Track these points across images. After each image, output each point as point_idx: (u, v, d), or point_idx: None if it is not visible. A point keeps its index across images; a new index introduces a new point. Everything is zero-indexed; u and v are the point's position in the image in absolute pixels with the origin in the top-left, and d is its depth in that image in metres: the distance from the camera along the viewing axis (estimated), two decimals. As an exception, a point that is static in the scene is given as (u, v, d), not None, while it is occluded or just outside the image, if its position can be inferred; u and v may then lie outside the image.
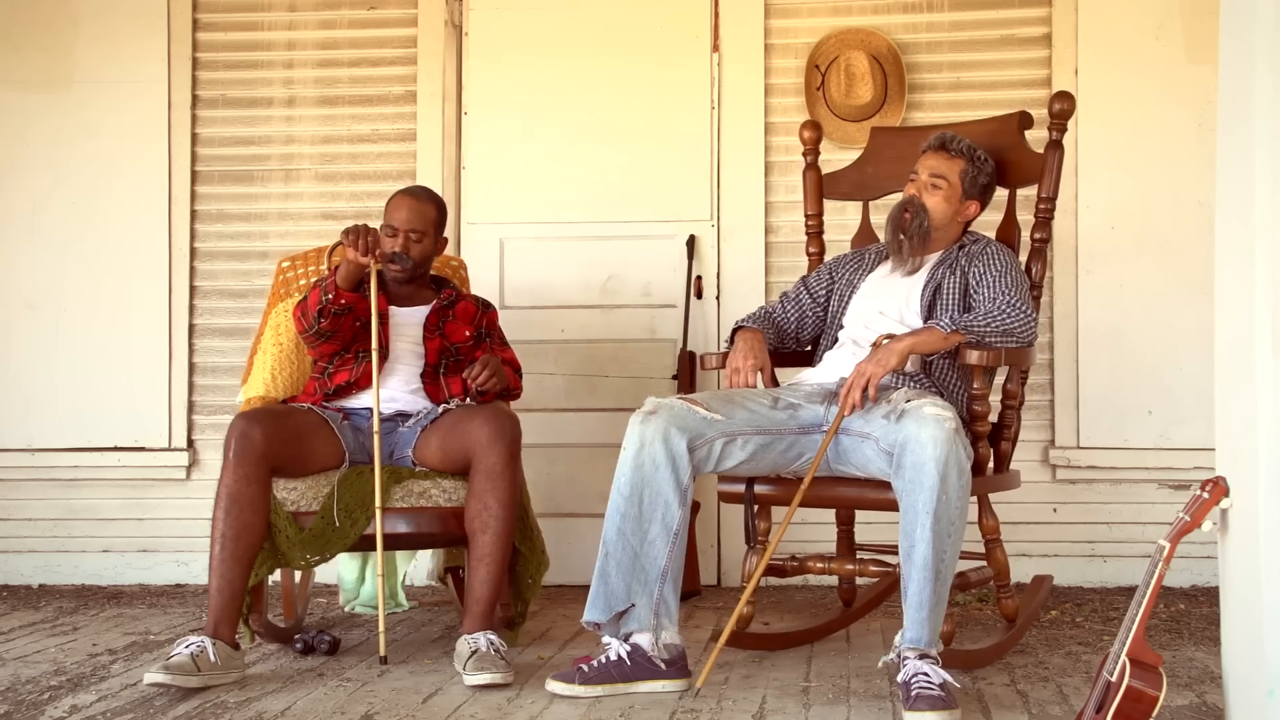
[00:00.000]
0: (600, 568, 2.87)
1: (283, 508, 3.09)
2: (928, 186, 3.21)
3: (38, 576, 4.50)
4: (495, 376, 3.28)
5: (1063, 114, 3.28)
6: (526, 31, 4.45)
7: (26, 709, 2.74)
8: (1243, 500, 2.27)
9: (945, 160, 3.22)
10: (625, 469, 2.87)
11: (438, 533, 3.19)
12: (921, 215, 3.18)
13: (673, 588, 2.87)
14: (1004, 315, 2.96)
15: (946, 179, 3.20)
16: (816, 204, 3.59)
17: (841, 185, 3.61)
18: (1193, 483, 2.40)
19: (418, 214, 3.41)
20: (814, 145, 3.57)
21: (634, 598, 2.84)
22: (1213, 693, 2.78)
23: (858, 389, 2.87)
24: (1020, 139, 3.36)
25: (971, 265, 3.15)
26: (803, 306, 3.36)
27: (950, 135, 3.26)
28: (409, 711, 2.70)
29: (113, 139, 4.50)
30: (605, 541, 2.87)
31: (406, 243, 3.39)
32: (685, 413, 2.90)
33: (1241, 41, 2.30)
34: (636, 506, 2.85)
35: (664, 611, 2.85)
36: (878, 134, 3.63)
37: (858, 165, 3.60)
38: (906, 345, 2.91)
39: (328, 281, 3.25)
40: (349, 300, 3.23)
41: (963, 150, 3.22)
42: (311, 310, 3.26)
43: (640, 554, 2.85)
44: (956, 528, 2.73)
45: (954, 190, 3.20)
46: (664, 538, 2.85)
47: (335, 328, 3.28)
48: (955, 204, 3.21)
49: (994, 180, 3.28)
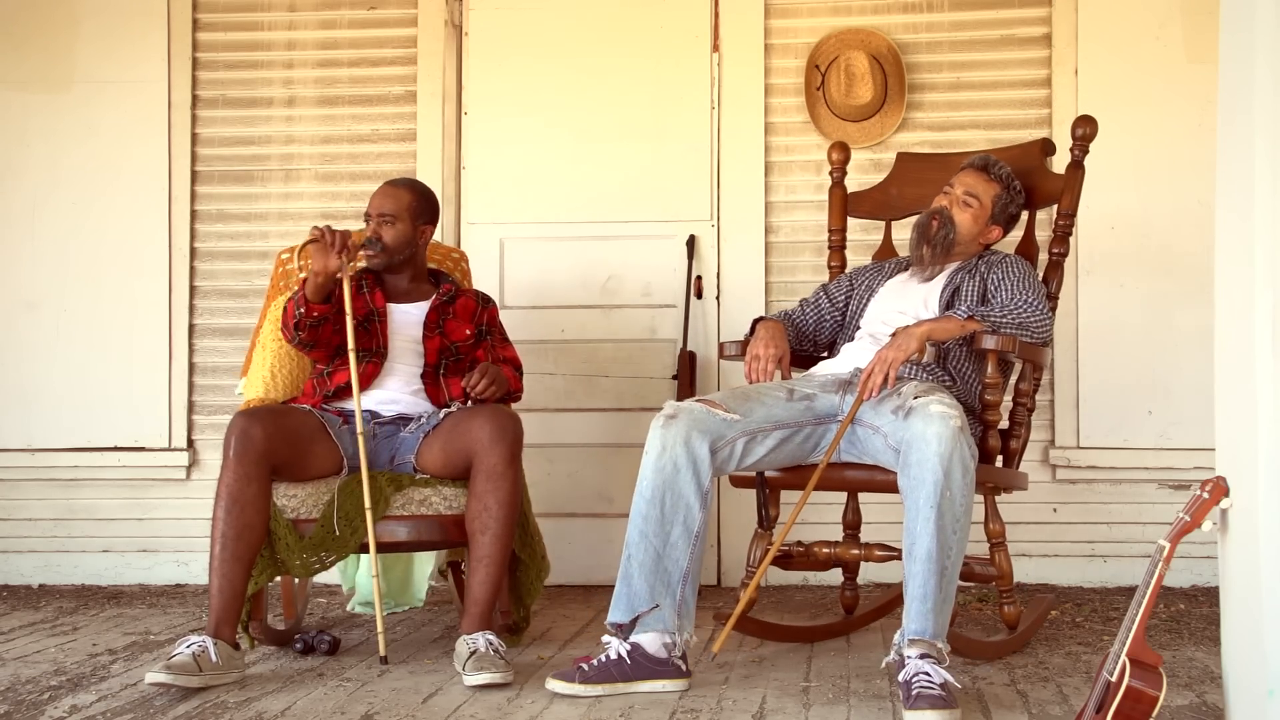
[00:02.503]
0: (623, 570, 2.89)
1: (283, 515, 3.08)
2: (959, 201, 3.29)
3: (38, 576, 4.50)
4: (494, 385, 3.27)
5: (1085, 138, 3.39)
6: (526, 31, 4.45)
7: (26, 709, 2.74)
8: (1243, 500, 2.27)
9: (983, 181, 3.31)
10: (647, 473, 2.89)
11: (438, 540, 3.19)
12: (949, 227, 3.26)
13: (693, 589, 2.90)
14: (1020, 310, 3.02)
15: (980, 199, 3.29)
16: (840, 219, 3.70)
17: (865, 204, 3.72)
18: (1193, 483, 2.41)
19: (390, 198, 3.40)
20: (842, 165, 3.71)
21: (657, 599, 2.86)
22: (1213, 693, 2.78)
23: (879, 374, 2.92)
24: (1042, 163, 3.48)
25: (991, 272, 3.23)
26: (821, 310, 3.44)
27: (994, 160, 3.36)
28: (409, 711, 2.70)
29: (113, 139, 4.50)
30: (628, 544, 2.89)
31: (378, 227, 3.38)
32: (705, 416, 2.93)
33: (1241, 41, 2.30)
34: (658, 509, 2.87)
35: (685, 613, 2.89)
36: (904, 159, 3.74)
37: (882, 186, 3.72)
38: (925, 330, 2.97)
39: (299, 295, 3.25)
40: (321, 312, 3.24)
41: (1001, 177, 3.32)
42: (289, 325, 3.28)
43: (663, 556, 2.87)
44: (961, 525, 2.74)
45: (984, 211, 3.29)
46: (685, 540, 2.88)
47: (315, 338, 3.29)
48: (982, 225, 3.30)
49: (1020, 212, 3.37)
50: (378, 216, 3.39)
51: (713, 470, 2.91)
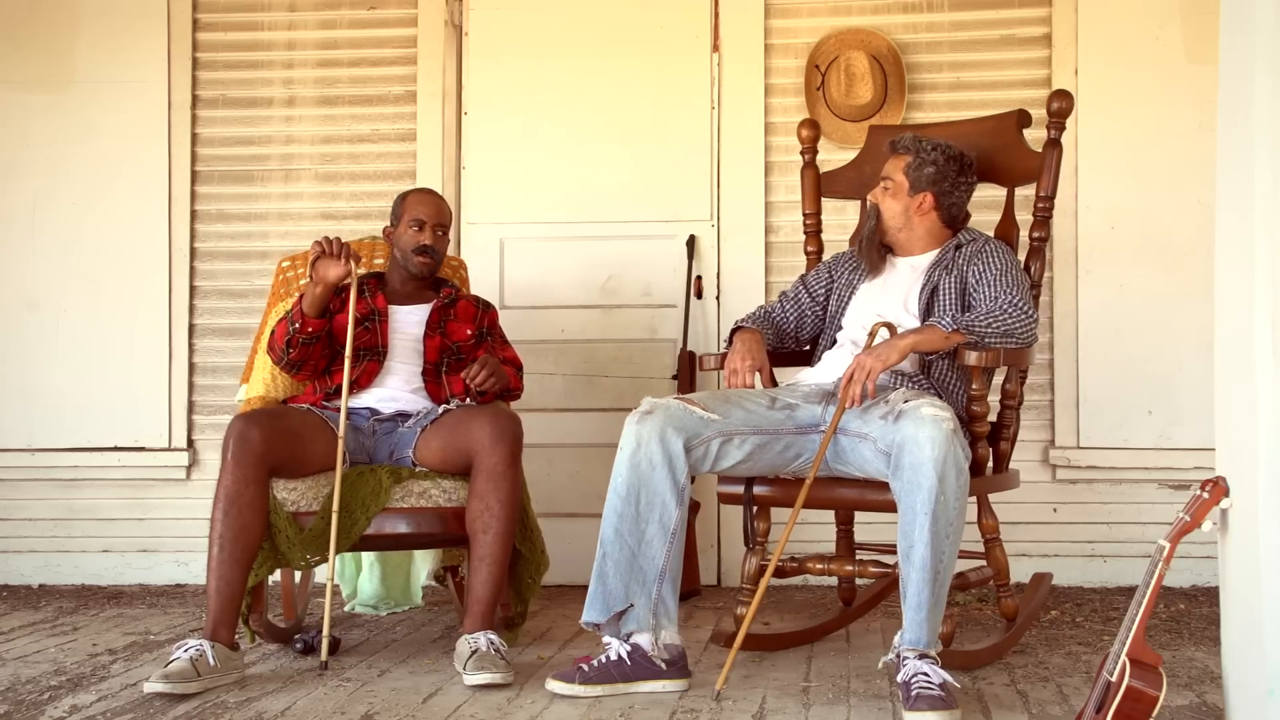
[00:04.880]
0: (598, 568, 2.87)
1: (283, 508, 3.09)
2: (880, 190, 3.24)
3: (38, 576, 4.50)
4: (494, 376, 3.28)
5: (1061, 113, 3.27)
6: (526, 31, 4.45)
7: (26, 709, 2.74)
8: (1243, 500, 2.27)
9: (892, 160, 3.24)
10: (622, 469, 2.86)
11: (438, 533, 3.19)
12: (872, 218, 3.23)
13: (671, 588, 2.86)
14: (1004, 315, 2.95)
15: (892, 178, 3.22)
16: (814, 202, 3.59)
17: (839, 184, 3.61)
18: (1193, 483, 2.40)
19: (444, 211, 3.50)
20: (812, 144, 3.56)
21: (632, 598, 2.84)
22: (1213, 693, 2.78)
23: (857, 383, 2.85)
24: (1018, 138, 3.35)
25: (970, 265, 3.13)
26: (801, 306, 3.36)
27: (900, 136, 3.27)
28: (409, 711, 2.70)
29: (113, 139, 4.50)
30: (603, 542, 2.86)
31: (435, 236, 3.43)
32: (682, 412, 2.90)
33: (1241, 41, 2.30)
34: (633, 506, 2.85)
35: (663, 611, 2.85)
36: (875, 132, 3.61)
37: (855, 164, 3.59)
38: (908, 343, 2.90)
39: (293, 311, 3.26)
40: (315, 328, 3.25)
41: (907, 146, 3.22)
42: (279, 343, 3.29)
43: (638, 554, 2.85)
44: (955, 528, 2.73)
45: (899, 186, 3.20)
46: (661, 538, 2.85)
47: (305, 356, 3.30)
48: (904, 199, 3.21)
49: (947, 169, 3.19)
50: (434, 226, 3.43)
51: (688, 467, 2.87)
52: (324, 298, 3.24)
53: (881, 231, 3.22)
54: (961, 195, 3.23)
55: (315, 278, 3.21)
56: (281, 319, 3.33)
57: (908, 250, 3.24)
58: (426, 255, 3.43)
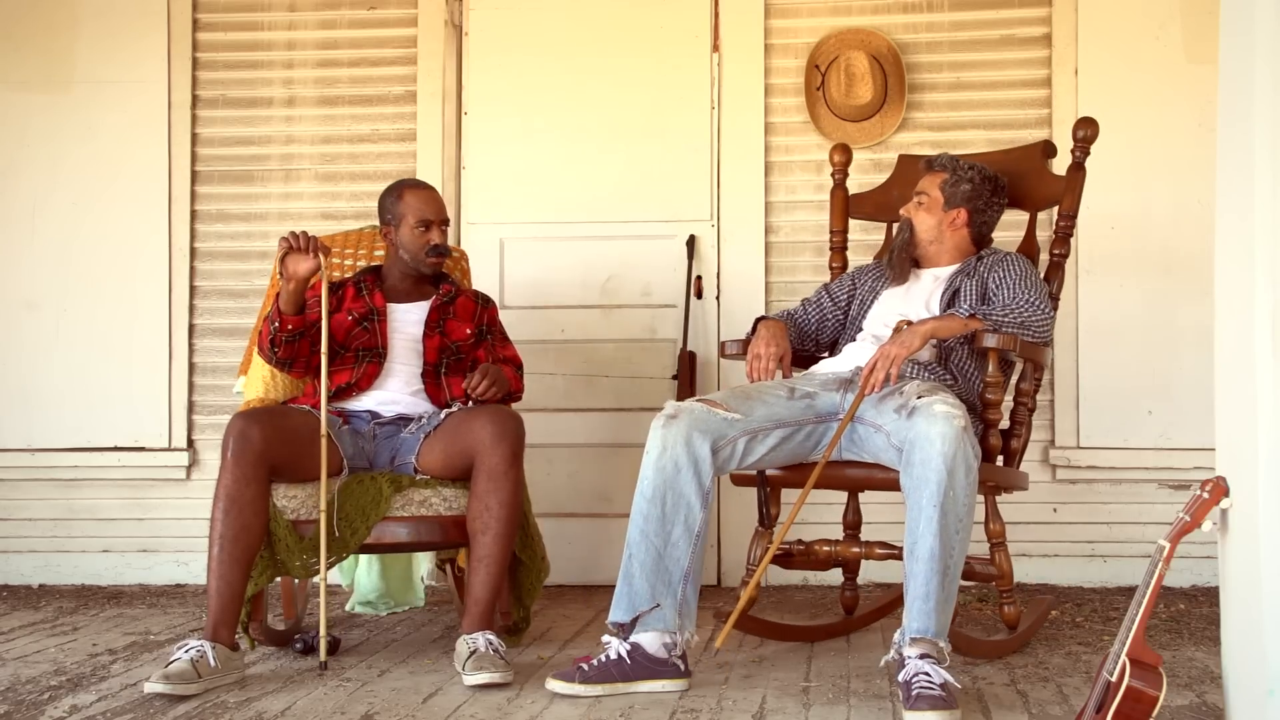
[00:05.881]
0: (624, 569, 2.89)
1: (283, 516, 3.08)
2: (914, 205, 3.35)
3: (38, 576, 4.50)
4: (495, 385, 3.27)
5: (1086, 139, 3.40)
6: (526, 31, 4.46)
7: (26, 709, 2.74)
8: (1243, 500, 2.27)
9: (928, 177, 3.36)
10: (648, 472, 2.90)
11: (438, 540, 3.19)
12: (905, 231, 3.33)
13: (695, 589, 2.90)
14: (1021, 309, 3.05)
15: (927, 193, 3.34)
16: (842, 220, 3.72)
17: (866, 206, 3.74)
18: (1193, 483, 2.40)
19: (443, 203, 3.49)
20: (843, 168, 3.73)
21: (658, 598, 2.86)
22: (1213, 693, 2.78)
23: (881, 370, 2.93)
24: (1043, 165, 3.50)
25: (991, 273, 3.24)
26: (824, 309, 3.45)
27: (937, 155, 3.42)
28: (409, 711, 2.70)
29: (113, 139, 4.50)
30: (629, 543, 2.89)
31: (441, 234, 3.44)
32: (706, 415, 2.93)
33: (1241, 41, 2.30)
34: (659, 509, 2.88)
35: (686, 612, 2.89)
36: (905, 160, 3.73)
37: (884, 188, 3.73)
38: (929, 329, 2.99)
39: (272, 311, 3.26)
40: (295, 325, 3.24)
41: (944, 164, 3.36)
42: (265, 346, 3.29)
43: (664, 555, 2.87)
44: (964, 525, 2.74)
45: (935, 201, 3.33)
46: (686, 539, 2.88)
47: (292, 354, 3.30)
48: (938, 214, 3.32)
49: (982, 188, 3.33)
50: (440, 223, 3.44)
51: (714, 470, 2.92)
52: (298, 294, 3.21)
53: (914, 245, 3.33)
54: (993, 215, 3.38)
55: (286, 274, 3.17)
56: (265, 319, 3.33)
57: (934, 262, 3.34)
58: (439, 255, 3.43)
